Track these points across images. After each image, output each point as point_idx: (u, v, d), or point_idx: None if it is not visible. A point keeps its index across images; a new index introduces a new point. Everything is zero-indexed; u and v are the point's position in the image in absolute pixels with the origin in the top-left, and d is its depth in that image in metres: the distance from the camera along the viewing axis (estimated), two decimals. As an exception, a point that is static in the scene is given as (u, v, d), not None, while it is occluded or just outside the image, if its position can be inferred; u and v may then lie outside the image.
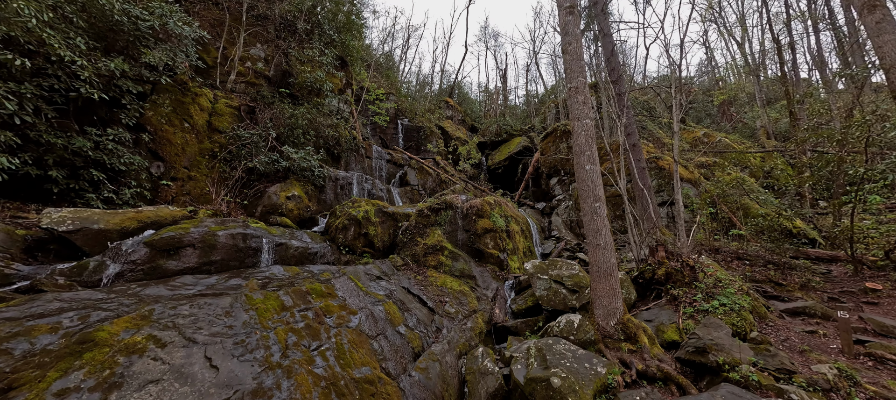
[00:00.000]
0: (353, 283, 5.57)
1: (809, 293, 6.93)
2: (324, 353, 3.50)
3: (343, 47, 15.19)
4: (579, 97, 5.79)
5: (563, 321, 5.03)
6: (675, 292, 5.50)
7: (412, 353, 4.49)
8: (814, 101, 17.49)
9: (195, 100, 9.01)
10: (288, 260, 5.94)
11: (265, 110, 10.52)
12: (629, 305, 5.81)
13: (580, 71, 5.94)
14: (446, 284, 7.25)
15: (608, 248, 5.14)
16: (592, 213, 5.32)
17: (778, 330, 5.36)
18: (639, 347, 4.60)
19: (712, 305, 4.97)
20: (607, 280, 5.03)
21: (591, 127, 5.65)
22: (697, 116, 30.09)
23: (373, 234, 8.13)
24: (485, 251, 8.80)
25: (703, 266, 5.86)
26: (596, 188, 5.38)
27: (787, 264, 8.09)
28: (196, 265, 4.64)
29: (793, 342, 4.97)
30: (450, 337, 5.20)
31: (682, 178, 13.02)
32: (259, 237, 5.54)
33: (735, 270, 8.18)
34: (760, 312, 5.52)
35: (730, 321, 4.73)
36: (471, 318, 6.15)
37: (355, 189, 10.81)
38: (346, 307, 4.57)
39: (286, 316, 3.79)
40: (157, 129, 7.93)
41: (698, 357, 3.91)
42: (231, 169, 8.86)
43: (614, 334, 4.81)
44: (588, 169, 5.47)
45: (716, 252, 9.03)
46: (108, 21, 6.87)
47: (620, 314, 4.91)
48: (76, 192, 5.92)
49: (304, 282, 4.74)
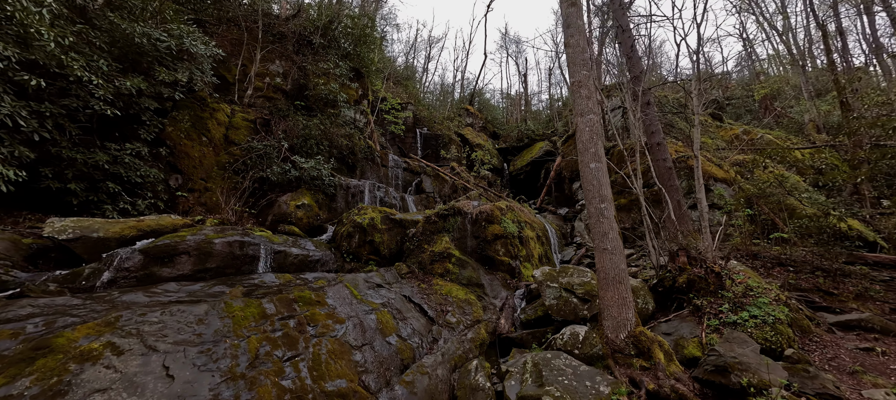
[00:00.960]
0: (348, 291, 5.43)
1: (866, 304, 6.02)
2: (296, 364, 3.34)
3: (359, 60, 15.50)
4: (582, 92, 5.42)
5: (568, 333, 4.62)
6: (697, 302, 4.92)
7: (401, 365, 4.26)
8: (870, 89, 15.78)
9: (213, 115, 9.41)
10: (287, 268, 5.93)
11: (280, 122, 10.82)
12: (646, 316, 5.27)
13: (583, 64, 5.58)
14: (451, 292, 6.97)
15: (617, 252, 4.70)
16: (598, 215, 4.90)
17: (825, 347, 4.64)
18: (652, 364, 4.11)
19: (741, 316, 4.37)
20: (616, 288, 4.58)
21: (596, 123, 5.25)
22: (737, 113, 28.10)
23: (379, 241, 8.02)
24: (495, 258, 8.44)
25: (731, 272, 5.21)
26: (602, 188, 4.97)
27: (839, 271, 7.12)
28: (190, 272, 4.69)
29: (842, 362, 4.26)
30: (445, 348, 4.91)
31: (715, 178, 12.03)
32: (257, 245, 5.56)
33: (776, 277, 7.31)
34: (802, 326, 4.81)
35: (762, 335, 4.12)
36: (473, 328, 5.83)
37: (367, 197, 10.82)
38: (333, 316, 4.43)
39: (265, 325, 3.69)
40: (176, 143, 8.31)
41: (718, 377, 3.39)
42: (245, 180, 9.12)
43: (625, 349, 4.34)
44: (593, 167, 5.07)
45: (754, 257, 8.14)
46: (129, 43, 7.31)
47: (632, 326, 4.43)
48: (95, 203, 6.24)
49: (294, 289, 4.66)
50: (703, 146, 16.79)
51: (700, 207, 6.41)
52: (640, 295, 5.36)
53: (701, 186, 6.42)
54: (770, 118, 24.35)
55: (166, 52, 7.73)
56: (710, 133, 19.81)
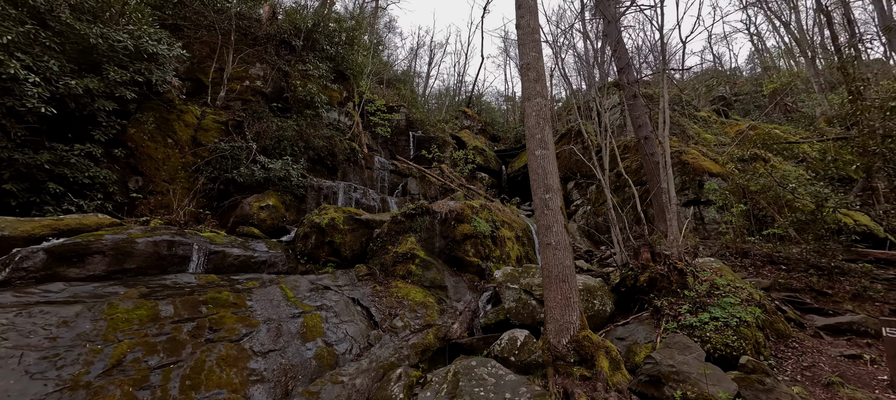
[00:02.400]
0: (281, 293, 5.08)
1: (863, 305, 5.36)
2: (169, 372, 2.98)
3: (344, 62, 15.34)
4: (531, 75, 5.00)
5: (506, 338, 4.15)
6: (658, 303, 4.38)
7: (314, 373, 3.86)
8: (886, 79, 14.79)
9: (180, 117, 9.28)
10: (225, 269, 5.61)
11: (254, 124, 10.66)
12: (603, 319, 4.74)
13: (533, 46, 5.16)
14: (408, 295, 6.55)
15: (561, 247, 4.23)
16: (543, 206, 4.44)
17: (803, 353, 4.04)
18: (594, 373, 3.61)
19: (700, 318, 3.83)
20: (560, 288, 4.10)
21: (544, 107, 4.81)
22: (745, 109, 27.04)
23: (339, 242, 7.67)
24: (464, 259, 7.99)
25: (696, 269, 4.66)
26: (547, 177, 4.51)
27: (837, 269, 6.43)
28: (103, 273, 4.41)
29: (820, 371, 3.67)
30: (377, 355, 4.49)
31: (710, 173, 11.34)
32: (188, 245, 5.27)
33: (766, 276, 6.67)
34: (779, 329, 4.22)
35: (721, 340, 3.58)
36: (420, 333, 5.39)
37: (341, 199, 10.52)
38: (246, 320, 4.07)
39: (150, 328, 3.35)
40: (138, 144, 8.17)
41: (651, 389, 2.89)
42: (211, 182, 8.93)
43: (567, 356, 3.85)
44: (538, 155, 4.62)
45: (744, 255, 7.49)
46: (85, 44, 7.22)
47: (575, 330, 3.94)
48: (36, 204, 6.07)
49: (210, 291, 4.33)
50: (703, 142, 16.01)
51: (668, 198, 5.86)
52: (598, 296, 4.84)
53: (669, 176, 5.87)
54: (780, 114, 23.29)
55: (124, 52, 7.61)
56: (713, 129, 19.00)
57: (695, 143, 13.99)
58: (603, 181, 5.88)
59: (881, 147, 9.40)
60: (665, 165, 5.83)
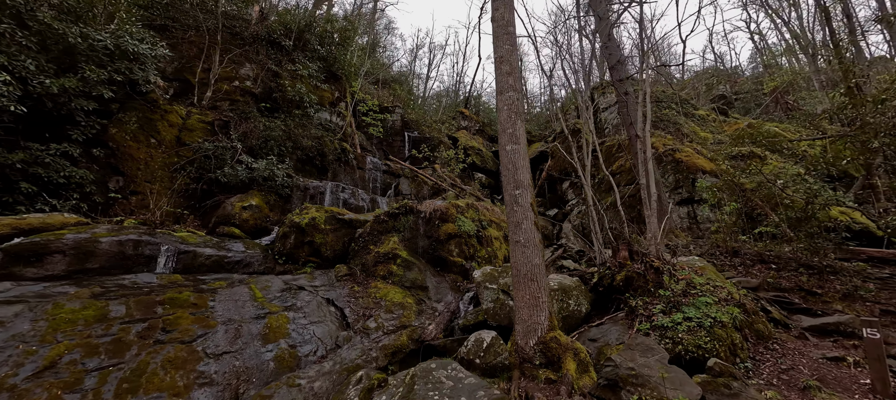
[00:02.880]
0: (249, 293, 4.96)
1: (853, 305, 5.15)
2: (106, 374, 2.86)
3: (336, 62, 15.28)
4: (503, 68, 4.86)
5: (472, 340, 4.00)
6: (632, 303, 4.21)
7: (270, 375, 3.73)
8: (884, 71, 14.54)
9: (164, 117, 9.22)
10: (195, 269, 5.50)
11: (241, 124, 10.58)
12: (578, 319, 4.58)
13: (507, 38, 5.02)
14: (387, 295, 6.41)
15: (530, 245, 4.07)
16: (513, 202, 4.30)
17: (783, 355, 3.86)
18: (560, 376, 3.45)
19: (674, 318, 3.66)
20: (528, 287, 3.95)
21: (516, 101, 4.67)
22: (745, 108, 26.75)
23: (320, 242, 7.54)
24: (448, 259, 7.84)
25: (674, 268, 4.48)
26: (517, 172, 4.37)
27: (829, 268, 6.22)
28: (63, 273, 4.31)
29: (799, 374, 3.49)
30: (343, 356, 4.35)
31: (703, 171, 11.13)
32: (156, 244, 5.17)
33: (755, 275, 6.47)
34: (759, 330, 4.04)
35: (693, 342, 3.41)
36: (393, 334, 5.25)
37: (328, 198, 10.41)
38: (204, 320, 3.95)
39: (96, 329, 3.23)
40: (119, 144, 8.11)
41: (608, 393, 2.73)
42: (195, 182, 8.85)
43: (533, 358, 3.69)
44: (509, 149, 4.48)
45: (734, 254, 7.29)
46: (64, 43, 7.17)
47: (543, 331, 3.79)
48: (9, 204, 6.01)
49: (170, 291, 4.22)
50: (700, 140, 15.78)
51: (647, 194, 5.68)
52: (573, 295, 4.67)
53: (649, 172, 5.69)
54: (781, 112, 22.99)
55: (104, 52, 7.56)
56: (711, 128, 18.76)
57: (689, 141, 13.77)
58: (583, 179, 5.71)
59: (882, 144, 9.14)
60: (644, 161, 5.66)
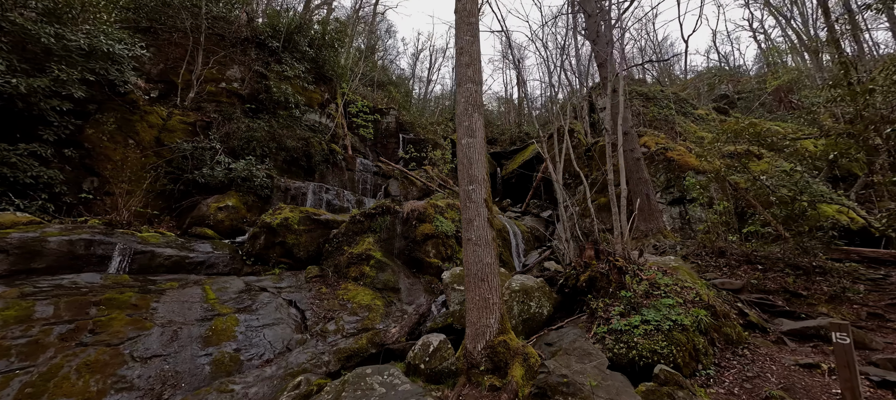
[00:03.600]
0: (202, 294, 4.81)
1: (839, 308, 4.84)
2: (9, 378, 2.70)
3: (326, 64, 15.22)
4: (463, 59, 4.67)
5: (419, 344, 3.79)
6: (593, 305, 3.97)
7: (204, 380, 3.54)
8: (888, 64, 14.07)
9: (144, 117, 9.17)
10: (153, 269, 5.37)
11: (224, 125, 10.51)
12: (540, 322, 4.33)
13: (468, 29, 4.83)
14: (355, 297, 6.22)
15: (482, 243, 3.86)
16: (466, 197, 4.09)
17: (752, 361, 3.58)
18: (504, 383, 3.22)
19: (631, 321, 3.41)
20: (478, 288, 3.73)
21: (474, 93, 4.47)
22: (748, 107, 26.27)
23: (293, 242, 7.39)
24: (424, 261, 7.63)
25: (640, 268, 4.22)
26: (472, 167, 4.16)
27: (818, 268, 5.89)
28: (5, 272, 4.19)
29: (765, 382, 3.22)
30: (291, 360, 4.16)
31: (695, 169, 10.79)
32: (110, 244, 5.04)
33: (740, 276, 6.16)
34: (727, 333, 3.76)
35: (649, 346, 3.15)
36: (352, 337, 5.04)
37: (310, 199, 10.28)
38: (140, 322, 3.79)
39: (14, 330, 3.09)
40: (95, 145, 8.06)
41: (539, 402, 2.49)
42: (172, 182, 8.78)
43: (481, 363, 3.46)
44: (464, 143, 4.28)
45: (720, 255, 6.97)
46: (37, 43, 7.15)
47: (492, 335, 3.56)
48: (-27, 204, 5.95)
49: (110, 292, 4.07)
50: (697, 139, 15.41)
51: (611, 191, 5.42)
52: (535, 297, 4.43)
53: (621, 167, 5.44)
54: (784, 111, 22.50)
55: (78, 52, 7.52)
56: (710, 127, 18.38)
57: (683, 140, 13.43)
58: (554, 177, 5.48)
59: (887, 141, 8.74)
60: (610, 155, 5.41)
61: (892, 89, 5.69)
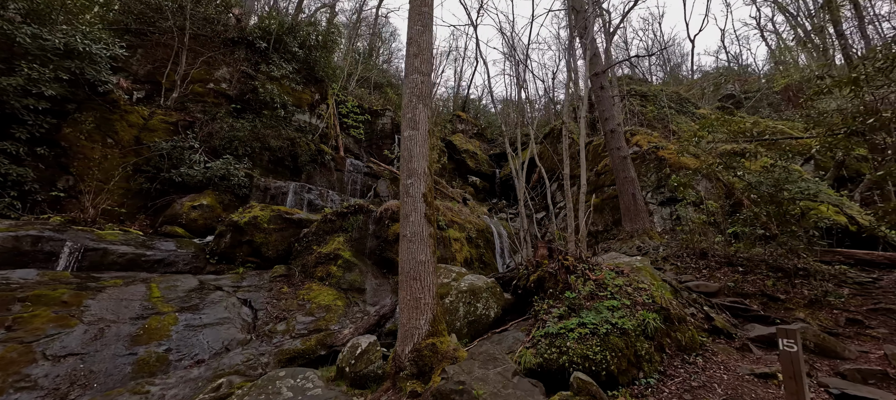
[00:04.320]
0: (146, 292, 4.70)
1: (817, 313, 4.49)
2: None
3: (317, 64, 15.21)
4: (411, 49, 4.49)
5: (347, 346, 3.59)
6: (538, 306, 3.72)
7: (122, 380, 3.40)
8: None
9: (124, 117, 9.21)
10: (105, 266, 5.29)
11: (207, 125, 10.53)
12: (486, 324, 4.09)
13: (419, 19, 4.66)
14: (316, 297, 6.06)
15: (416, 239, 3.65)
16: (404, 192, 3.90)
17: (705, 370, 3.29)
18: (426, 388, 3.00)
19: (566, 324, 3.16)
20: (410, 286, 3.53)
21: (420, 84, 4.29)
22: (755, 107, 25.57)
23: (261, 241, 7.28)
24: (395, 260, 7.41)
25: (590, 267, 3.95)
26: (412, 160, 3.97)
27: (802, 271, 5.52)
28: (-59, 269, 4.14)
29: (710, 394, 2.93)
30: (224, 362, 4.00)
31: (687, 169, 10.39)
32: (59, 240, 4.98)
33: (719, 279, 5.82)
34: (678, 339, 3.48)
35: (581, 351, 2.90)
36: (300, 338, 4.87)
37: (290, 199, 10.20)
38: (64, 320, 3.68)
39: (-84, 326, 2.98)
40: (72, 144, 8.10)
41: (432, 411, 2.27)
42: (149, 181, 8.78)
43: (407, 367, 3.25)
44: (406, 136, 4.09)
45: (702, 256, 6.62)
46: (10, 42, 7.22)
47: (421, 337, 3.35)
48: (-65, 201, 5.98)
49: (39, 288, 3.98)
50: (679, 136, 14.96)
51: (566, 187, 5.15)
52: (482, 298, 4.20)
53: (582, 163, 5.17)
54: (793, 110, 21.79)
55: (54, 52, 7.58)
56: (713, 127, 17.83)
57: (677, 139, 13.00)
58: (515, 172, 5.25)
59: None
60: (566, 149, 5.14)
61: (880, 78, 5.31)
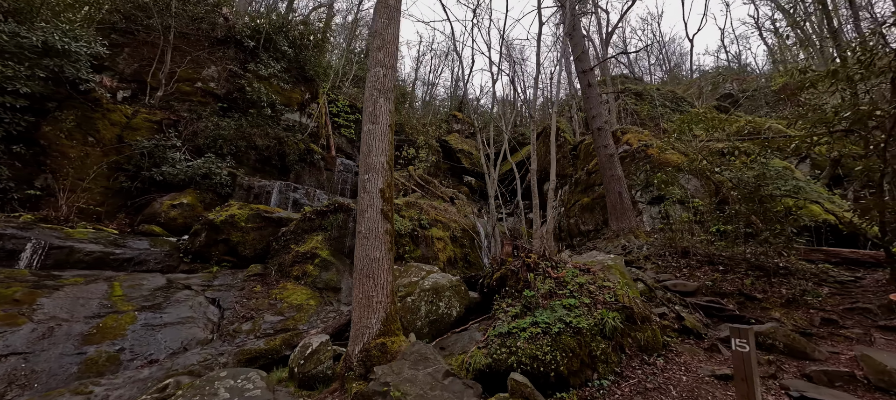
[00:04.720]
0: (106, 291, 4.62)
1: (793, 313, 4.36)
2: None
3: (308, 64, 15.15)
4: (375, 42, 4.39)
5: (299, 346, 3.49)
6: (497, 305, 3.62)
7: (64, 380, 3.32)
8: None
9: (106, 115, 9.15)
10: (71, 264, 5.22)
11: (192, 123, 10.47)
12: (448, 323, 3.99)
13: (385, 11, 4.55)
14: (289, 297, 5.97)
15: (371, 236, 3.55)
16: (361, 187, 3.80)
17: (664, 371, 3.17)
18: (358, 391, 2.89)
19: (519, 323, 3.05)
20: (363, 284, 3.43)
21: (382, 77, 4.19)
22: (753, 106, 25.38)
23: (238, 240, 7.20)
24: (375, 260, 7.34)
25: (553, 265, 3.84)
26: (371, 155, 3.87)
27: (783, 269, 5.38)
28: None
29: (662, 395, 2.81)
30: (179, 362, 3.90)
31: (676, 167, 10.25)
32: (22, 238, 4.91)
33: (699, 277, 5.69)
34: (638, 338, 3.36)
35: (530, 351, 2.79)
36: (265, 338, 4.78)
37: (274, 198, 10.12)
38: (13, 318, 3.60)
39: None
40: (51, 142, 8.05)
41: (356, 413, 2.16)
42: (130, 180, 8.72)
43: (356, 367, 3.15)
44: (366, 130, 3.99)
45: (684, 255, 6.49)
46: (-6, 42, 7.18)
47: (371, 336, 3.24)
48: None
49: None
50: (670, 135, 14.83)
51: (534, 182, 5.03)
52: (445, 297, 4.09)
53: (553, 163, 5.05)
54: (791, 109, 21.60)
55: (32, 49, 7.53)
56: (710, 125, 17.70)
57: (666, 136, 12.86)
58: (486, 168, 5.13)
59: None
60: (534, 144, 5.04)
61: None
